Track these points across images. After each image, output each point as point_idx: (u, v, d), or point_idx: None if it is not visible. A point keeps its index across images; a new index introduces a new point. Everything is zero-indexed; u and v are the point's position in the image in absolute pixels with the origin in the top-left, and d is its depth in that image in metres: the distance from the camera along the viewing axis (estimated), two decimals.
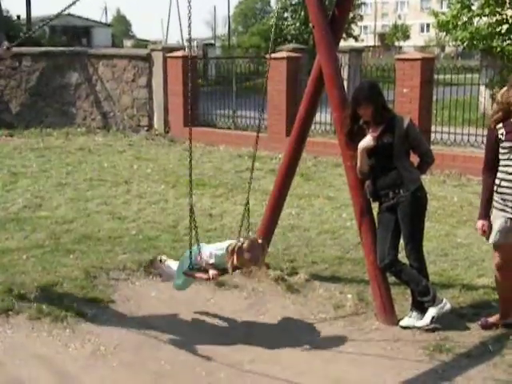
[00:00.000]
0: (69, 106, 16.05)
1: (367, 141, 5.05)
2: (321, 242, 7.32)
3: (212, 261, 4.95)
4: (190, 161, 4.92)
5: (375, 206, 5.35)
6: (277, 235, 7.22)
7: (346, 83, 12.58)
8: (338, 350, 4.88)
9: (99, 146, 13.68)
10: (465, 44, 18.51)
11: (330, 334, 5.16)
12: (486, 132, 11.41)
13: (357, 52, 16.88)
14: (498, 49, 17.98)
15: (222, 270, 4.97)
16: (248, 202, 5.39)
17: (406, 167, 5.11)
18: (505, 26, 17.93)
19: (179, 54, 14.87)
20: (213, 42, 49.06)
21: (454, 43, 20.79)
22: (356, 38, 40.11)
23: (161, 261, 5.71)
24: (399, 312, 5.36)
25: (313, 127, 13.40)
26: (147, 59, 15.27)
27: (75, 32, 44.66)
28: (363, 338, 5.05)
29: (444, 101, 12.98)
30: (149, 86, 15.27)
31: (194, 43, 38.94)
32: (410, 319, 5.24)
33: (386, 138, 5.03)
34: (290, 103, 12.64)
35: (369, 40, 69.47)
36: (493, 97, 17.46)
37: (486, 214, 4.98)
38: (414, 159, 5.26)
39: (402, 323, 5.23)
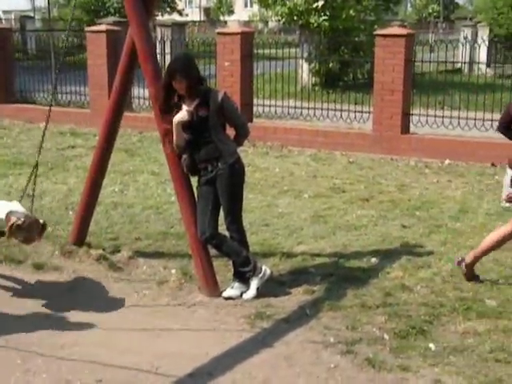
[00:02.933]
0: None
1: (182, 115, 5.02)
2: (145, 218, 7.24)
3: None
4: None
5: (195, 180, 5.36)
6: (99, 213, 7.08)
7: (169, 57, 12.46)
8: (161, 325, 4.86)
9: None
10: (284, 19, 19.04)
11: (154, 310, 5.13)
12: (305, 104, 11.80)
13: (179, 26, 16.79)
14: (315, 24, 18.67)
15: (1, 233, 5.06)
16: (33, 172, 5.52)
17: (222, 140, 5.14)
18: (320, 3, 18.60)
19: None
20: (32, 14, 46.65)
21: (275, 18, 21.28)
22: (180, 13, 39.86)
23: None
24: (223, 283, 5.43)
25: (137, 102, 13.24)
26: None
27: None
28: (187, 312, 5.07)
29: (266, 75, 13.25)
30: None
31: (12, 15, 36.89)
32: (233, 290, 5.33)
33: (202, 112, 5.03)
34: (112, 78, 12.30)
35: (194, 15, 69.43)
36: (312, 71, 18.18)
37: None
38: (231, 132, 5.31)
39: (224, 294, 5.31)
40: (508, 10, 26.96)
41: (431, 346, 4.42)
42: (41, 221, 5.06)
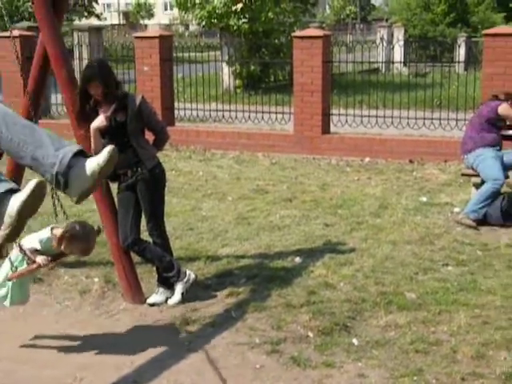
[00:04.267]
0: None
1: (99, 120, 4.95)
2: None
3: (37, 247, 4.32)
4: None
5: (115, 187, 5.29)
6: None
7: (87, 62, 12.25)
8: (84, 336, 4.78)
9: None
10: (204, 22, 19.03)
11: (76, 320, 5.03)
12: (228, 107, 11.75)
13: (97, 30, 16.52)
14: (235, 27, 18.74)
15: (53, 256, 4.32)
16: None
17: (141, 145, 5.10)
18: (239, 5, 18.68)
19: None
20: None
21: (195, 22, 21.25)
22: (99, 17, 39.30)
23: None
24: (148, 290, 5.38)
25: (56, 109, 12.97)
26: None
27: None
28: (110, 321, 5.00)
29: (188, 78, 13.20)
30: None
31: None
32: (157, 296, 5.29)
33: (119, 117, 4.97)
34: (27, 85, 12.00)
35: (113, 18, 68.57)
36: (234, 73, 18.24)
37: None
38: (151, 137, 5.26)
39: (149, 301, 5.26)
40: (421, 10, 27.83)
41: (354, 341, 4.51)
42: (96, 226, 4.42)
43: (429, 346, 4.39)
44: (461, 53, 21.59)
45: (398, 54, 21.74)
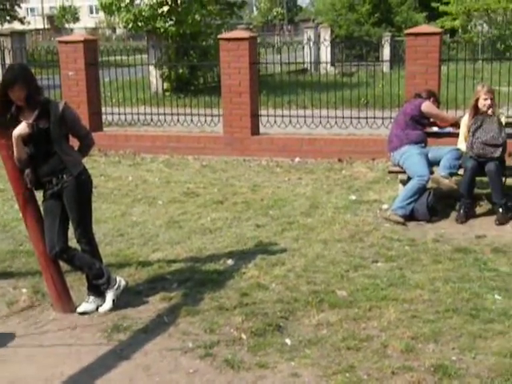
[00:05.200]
0: None
1: (22, 128, 4.82)
2: None
3: None
4: None
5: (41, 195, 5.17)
6: None
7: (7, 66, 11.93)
8: (12, 348, 4.65)
9: None
10: (130, 26, 18.85)
11: (4, 332, 4.89)
12: (157, 110, 11.64)
13: (20, 35, 16.15)
14: (162, 30, 18.64)
15: None
16: None
17: (66, 152, 4.99)
18: (165, 8, 18.60)
19: None
20: None
21: (122, 25, 21.02)
22: (22, 21, 38.42)
23: None
24: (78, 299, 5.28)
25: None
26: None
27: None
28: (40, 332, 4.87)
29: (116, 82, 13.02)
30: None
31: None
32: (88, 304, 5.20)
33: (42, 124, 4.85)
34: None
35: (37, 23, 67.11)
36: (162, 76, 18.10)
37: None
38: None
39: (79, 309, 5.16)
40: (346, 11, 28.26)
41: (287, 341, 4.53)
42: None
43: (360, 343, 4.45)
44: (386, 52, 22.06)
45: (326, 54, 22.06)
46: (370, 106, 11.14)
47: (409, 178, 7.39)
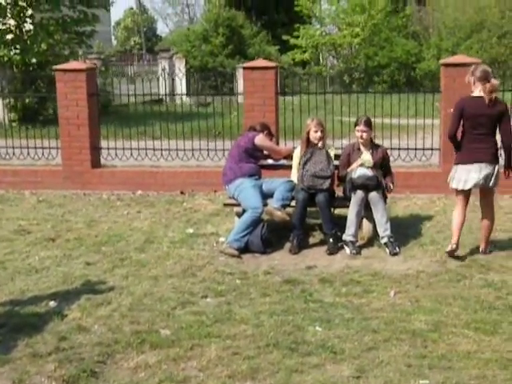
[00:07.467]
0: None
1: None
2: None
3: None
4: None
5: None
6: None
7: None
8: None
9: None
10: None
11: None
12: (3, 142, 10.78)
13: None
14: (6, 58, 17.95)
15: None
16: None
17: None
18: (9, 36, 17.95)
19: None
20: None
21: None
22: None
23: None
24: None
25: None
26: None
27: None
28: None
29: None
30: None
31: None
32: None
33: None
34: None
35: None
36: (7, 106, 17.33)
37: None
38: None
39: None
40: (200, 43, 28.52)
41: None
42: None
43: None
44: (240, 83, 22.34)
45: (181, 84, 22.04)
46: (221, 138, 11.10)
47: (244, 211, 7.42)
